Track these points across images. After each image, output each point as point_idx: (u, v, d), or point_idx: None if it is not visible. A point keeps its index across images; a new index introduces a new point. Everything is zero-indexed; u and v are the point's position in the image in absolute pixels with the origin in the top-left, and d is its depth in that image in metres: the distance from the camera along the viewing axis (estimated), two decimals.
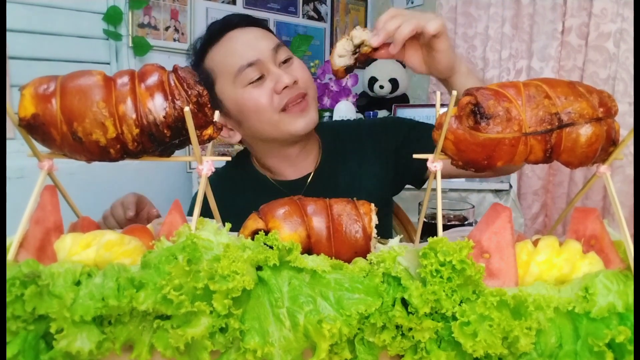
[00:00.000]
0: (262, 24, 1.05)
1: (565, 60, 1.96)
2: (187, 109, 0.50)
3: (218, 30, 1.00)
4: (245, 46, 0.97)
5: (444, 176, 1.10)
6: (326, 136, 1.14)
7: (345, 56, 0.82)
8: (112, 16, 2.03)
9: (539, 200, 2.08)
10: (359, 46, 0.81)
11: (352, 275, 0.51)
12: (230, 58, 0.97)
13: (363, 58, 0.82)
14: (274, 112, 0.96)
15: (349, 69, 0.84)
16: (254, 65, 0.95)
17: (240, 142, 1.09)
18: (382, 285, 0.50)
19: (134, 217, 0.90)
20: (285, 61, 1.00)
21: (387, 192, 1.17)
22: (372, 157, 1.11)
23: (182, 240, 0.50)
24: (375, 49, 0.81)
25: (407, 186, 1.18)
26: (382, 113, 2.47)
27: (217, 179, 1.05)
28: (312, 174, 1.10)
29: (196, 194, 1.17)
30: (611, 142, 0.54)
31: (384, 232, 0.93)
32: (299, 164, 1.10)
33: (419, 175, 1.13)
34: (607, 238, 0.54)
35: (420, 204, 1.06)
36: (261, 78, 0.96)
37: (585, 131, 0.51)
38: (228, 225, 0.55)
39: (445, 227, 0.78)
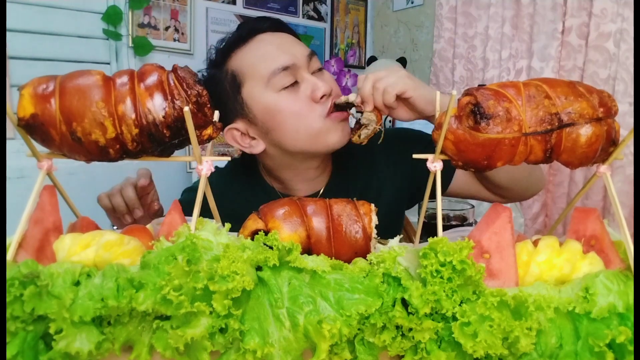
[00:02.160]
0: (292, 31, 1.01)
1: (565, 60, 1.96)
2: (186, 108, 0.50)
3: (248, 32, 0.95)
4: (279, 50, 0.92)
5: (464, 196, 1.10)
6: (338, 150, 1.07)
7: None
8: (112, 16, 2.03)
9: (539, 200, 2.08)
10: (343, 108, 0.90)
11: (352, 276, 0.51)
12: (263, 61, 0.91)
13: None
14: (318, 118, 0.91)
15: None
16: (289, 69, 0.90)
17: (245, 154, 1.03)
18: (382, 285, 0.49)
19: (147, 187, 0.90)
20: (317, 71, 0.96)
21: (400, 208, 1.13)
22: (384, 173, 1.08)
23: (181, 240, 0.50)
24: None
25: None
26: None
27: (222, 186, 1.01)
28: (321, 191, 1.06)
29: (187, 188, 1.16)
30: (611, 142, 0.54)
31: None
32: (313, 180, 1.05)
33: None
34: (607, 238, 0.54)
35: (420, 204, 1.06)
36: (295, 84, 0.91)
37: (585, 131, 0.51)
38: (228, 225, 0.55)
39: (445, 227, 0.78)
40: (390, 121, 2.43)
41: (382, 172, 1.08)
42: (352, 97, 0.86)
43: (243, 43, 0.95)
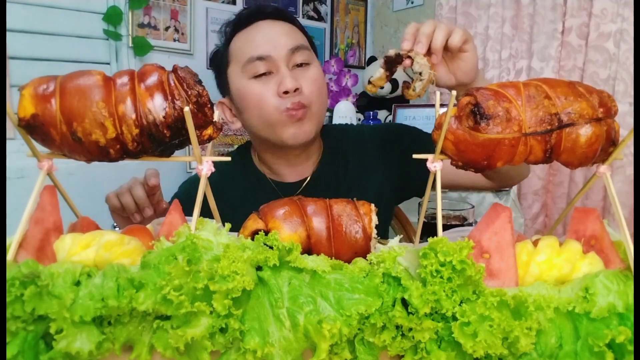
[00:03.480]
0: (295, 21, 1.03)
1: (565, 60, 1.95)
2: (186, 109, 0.50)
3: (247, 17, 1.00)
4: (264, 39, 0.96)
5: (454, 186, 1.10)
6: (328, 140, 1.11)
7: (382, 78, 0.80)
8: (112, 16, 2.02)
9: (539, 200, 2.08)
10: (392, 63, 0.78)
11: (352, 276, 0.51)
12: (246, 47, 0.97)
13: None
14: (276, 110, 0.94)
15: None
16: (264, 60, 0.94)
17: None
18: (382, 285, 0.50)
19: (156, 186, 0.90)
20: (301, 64, 0.97)
21: (389, 201, 1.14)
22: (375, 165, 1.09)
23: (181, 240, 0.50)
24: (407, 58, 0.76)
25: None
26: (382, 113, 2.47)
27: (217, 173, 1.05)
28: (308, 178, 1.08)
29: (184, 181, 1.18)
30: (611, 142, 0.54)
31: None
32: (298, 167, 1.07)
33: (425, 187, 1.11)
34: (607, 238, 0.54)
35: (420, 204, 1.06)
36: (267, 74, 0.95)
37: (585, 131, 0.51)
38: (228, 225, 0.55)
39: (445, 227, 0.78)
40: (390, 121, 2.43)
41: (372, 165, 1.10)
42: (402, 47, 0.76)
43: (243, 27, 1.00)
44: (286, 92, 0.93)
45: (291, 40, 0.97)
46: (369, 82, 0.79)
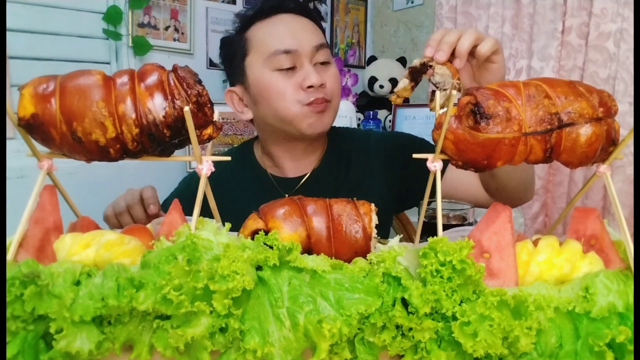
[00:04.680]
0: (316, 19, 1.04)
1: (565, 60, 1.95)
2: (186, 108, 0.50)
3: (271, 8, 1.00)
4: (289, 33, 0.97)
5: (455, 198, 1.10)
6: (333, 139, 1.12)
7: (407, 89, 0.75)
8: (112, 16, 2.02)
9: (539, 200, 2.08)
10: (418, 73, 0.73)
11: (352, 275, 0.51)
12: (271, 39, 0.97)
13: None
14: (297, 103, 0.96)
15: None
16: (290, 54, 0.95)
17: (251, 121, 1.08)
18: (382, 285, 0.50)
19: (156, 214, 0.89)
20: (322, 63, 0.99)
21: (389, 208, 1.15)
22: (378, 171, 1.10)
23: (181, 240, 0.50)
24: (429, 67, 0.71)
25: None
26: (382, 113, 2.47)
27: (217, 169, 1.05)
28: (308, 174, 1.09)
29: (184, 178, 1.19)
30: (611, 142, 0.54)
31: None
32: (302, 161, 1.08)
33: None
34: (607, 238, 0.54)
35: (420, 204, 1.06)
36: (292, 69, 0.96)
37: (585, 131, 0.51)
38: (228, 225, 0.55)
39: (445, 227, 0.78)
40: (390, 121, 2.43)
41: (375, 171, 1.10)
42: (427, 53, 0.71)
43: (265, 17, 0.99)
44: (310, 87, 0.95)
45: (315, 37, 0.99)
46: (393, 93, 0.77)
